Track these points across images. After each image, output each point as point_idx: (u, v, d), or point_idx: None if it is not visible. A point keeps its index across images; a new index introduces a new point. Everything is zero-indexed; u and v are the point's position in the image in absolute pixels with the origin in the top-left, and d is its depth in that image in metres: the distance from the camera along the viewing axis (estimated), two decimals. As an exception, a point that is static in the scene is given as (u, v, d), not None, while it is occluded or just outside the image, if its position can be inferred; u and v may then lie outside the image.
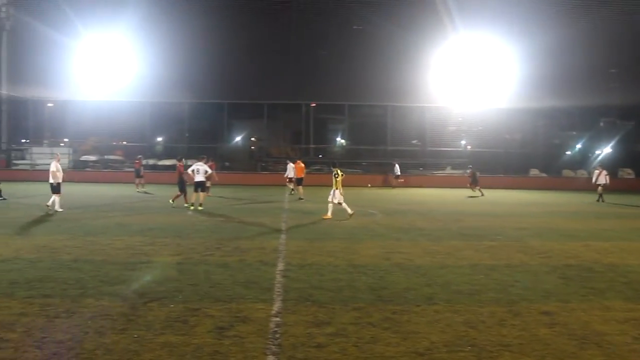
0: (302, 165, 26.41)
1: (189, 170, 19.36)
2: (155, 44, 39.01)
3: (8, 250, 10.70)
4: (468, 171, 25.62)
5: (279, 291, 7.69)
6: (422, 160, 42.74)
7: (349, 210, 17.00)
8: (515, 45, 39.25)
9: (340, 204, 17.06)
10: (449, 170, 42.84)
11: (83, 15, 39.47)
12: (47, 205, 17.61)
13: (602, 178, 26.71)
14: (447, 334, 5.98)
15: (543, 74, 38.13)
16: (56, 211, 17.35)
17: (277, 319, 6.42)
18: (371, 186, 36.21)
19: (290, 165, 27.30)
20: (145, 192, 27.11)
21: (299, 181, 25.66)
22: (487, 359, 5.32)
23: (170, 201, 20.34)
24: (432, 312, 6.80)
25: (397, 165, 36.95)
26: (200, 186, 18.92)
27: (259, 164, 43.56)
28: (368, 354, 5.36)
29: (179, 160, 21.58)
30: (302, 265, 9.51)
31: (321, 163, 41.12)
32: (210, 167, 20.15)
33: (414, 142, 45.68)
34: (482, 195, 27.75)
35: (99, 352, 5.28)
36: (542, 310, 6.99)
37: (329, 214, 17.08)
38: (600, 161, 38.48)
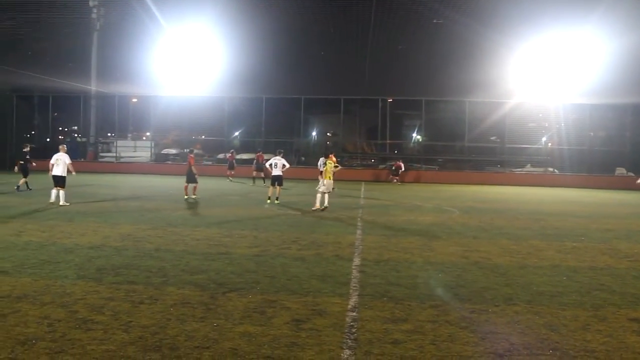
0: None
1: (267, 165, 19.71)
2: (234, 39, 39.79)
3: (97, 237, 11.25)
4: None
5: (355, 286, 7.70)
6: (501, 157, 41.65)
7: (317, 205, 17.18)
8: (599, 38, 37.52)
9: (323, 192, 17.23)
10: (529, 168, 41.56)
11: (165, 11, 40.74)
12: (51, 202, 17.15)
13: None
14: (528, 336, 5.80)
15: (630, 68, 36.28)
16: (60, 205, 16.87)
17: (354, 313, 6.42)
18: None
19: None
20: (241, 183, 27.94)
21: None
22: (571, 364, 5.13)
23: (186, 196, 20.02)
24: (511, 313, 6.62)
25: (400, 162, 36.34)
26: (277, 180, 19.15)
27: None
28: (445, 353, 5.28)
29: (190, 152, 21.10)
30: (378, 261, 9.47)
31: (396, 159, 40.87)
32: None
33: (493, 138, 44.59)
34: None
35: (180, 339, 5.44)
36: (630, 316, 6.65)
37: (318, 205, 17.24)
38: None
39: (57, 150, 17.87)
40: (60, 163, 17.44)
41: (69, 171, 17.59)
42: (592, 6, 35.56)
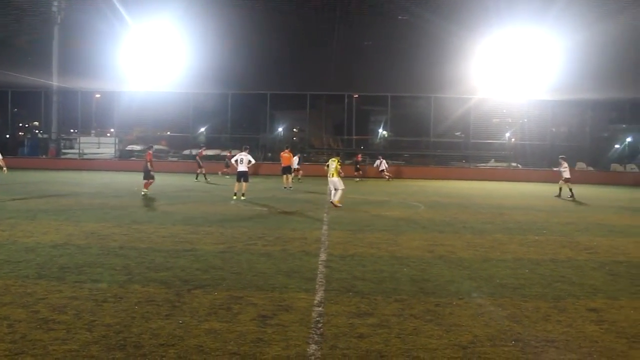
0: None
1: (232, 160, 19.64)
2: (199, 35, 39.44)
3: (59, 235, 11.05)
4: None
5: (321, 281, 7.72)
6: (466, 152, 42.20)
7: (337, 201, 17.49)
8: (561, 35, 38.26)
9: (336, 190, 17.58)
10: (493, 163, 42.21)
11: (129, 6, 40.16)
12: None
13: None
14: (491, 328, 5.90)
15: (591, 65, 37.12)
16: None
17: (320, 308, 6.45)
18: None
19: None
20: (208, 182, 27.66)
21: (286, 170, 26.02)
22: (532, 354, 5.22)
23: (142, 191, 20.32)
24: (475, 306, 6.73)
25: (381, 159, 36.66)
26: (243, 176, 19.11)
27: (301, 155, 43.74)
28: (410, 346, 5.34)
29: (149, 148, 22.09)
30: (344, 256, 9.52)
31: (363, 155, 41.08)
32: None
33: (458, 134, 45.18)
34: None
35: (145, 337, 5.39)
36: (589, 306, 6.83)
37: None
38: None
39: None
40: None
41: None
42: (550, 2, 36.28)
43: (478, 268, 8.86)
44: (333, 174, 17.70)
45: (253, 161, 19.79)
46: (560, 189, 23.90)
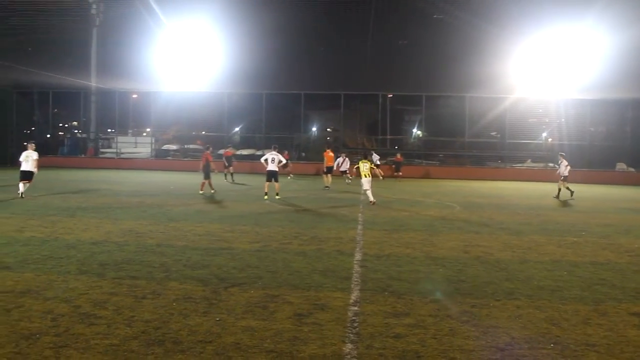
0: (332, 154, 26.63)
1: (262, 160, 19.67)
2: (233, 35, 39.74)
3: (99, 233, 11.30)
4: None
5: (356, 281, 7.73)
6: (501, 152, 41.63)
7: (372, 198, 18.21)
8: (600, 33, 37.44)
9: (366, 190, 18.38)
10: (529, 163, 41.55)
11: (165, 7, 40.68)
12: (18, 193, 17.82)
13: None
14: (529, 330, 5.83)
15: (631, 63, 36.21)
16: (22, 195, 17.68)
17: (355, 308, 6.45)
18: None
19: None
20: (233, 182, 27.83)
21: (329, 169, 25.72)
22: (572, 358, 5.14)
23: (201, 192, 20.66)
24: (512, 308, 6.64)
25: (375, 155, 36.21)
26: (273, 176, 19.13)
27: (335, 154, 43.71)
28: (447, 347, 5.31)
29: (207, 149, 22.42)
30: (380, 256, 9.50)
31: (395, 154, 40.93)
32: (285, 157, 20.63)
33: (493, 133, 44.59)
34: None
35: (183, 333, 5.48)
36: (631, 311, 6.68)
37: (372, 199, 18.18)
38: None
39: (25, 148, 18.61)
40: (29, 159, 18.20)
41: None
42: (591, 0, 35.54)
43: (515, 269, 8.75)
44: (366, 175, 18.16)
45: (284, 160, 19.77)
46: (560, 189, 22.93)
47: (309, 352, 5.09)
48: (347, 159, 32.42)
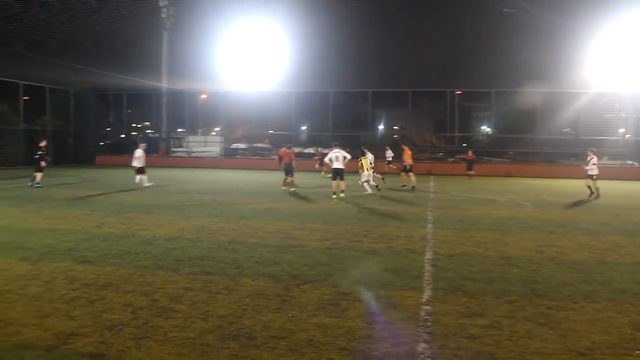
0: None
1: (326, 159, 19.66)
2: (301, 34, 40.04)
3: (173, 229, 11.63)
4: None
5: (428, 280, 7.64)
6: (575, 149, 40.14)
7: (369, 190, 20.11)
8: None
9: (367, 181, 20.22)
10: (605, 161, 39.91)
11: (232, 7, 41.34)
12: (136, 183, 22.07)
13: None
14: (611, 335, 5.58)
15: None
16: (146, 186, 21.76)
17: (428, 307, 6.38)
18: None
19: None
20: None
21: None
22: (659, 365, 4.92)
23: (283, 187, 21.47)
24: (592, 311, 6.39)
25: (389, 151, 35.20)
26: (339, 174, 19.03)
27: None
28: (523, 349, 5.17)
29: (289, 148, 23.44)
30: (451, 255, 9.36)
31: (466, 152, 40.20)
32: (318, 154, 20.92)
33: (566, 130, 43.07)
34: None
35: (257, 328, 5.56)
36: None
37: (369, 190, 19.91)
38: None
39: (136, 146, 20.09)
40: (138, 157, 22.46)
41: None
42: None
43: (593, 271, 8.42)
44: (367, 169, 20.44)
45: (349, 157, 19.63)
46: (590, 187, 21.11)
47: (382, 350, 5.08)
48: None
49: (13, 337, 5.25)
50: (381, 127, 48.05)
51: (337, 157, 19.00)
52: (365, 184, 20.24)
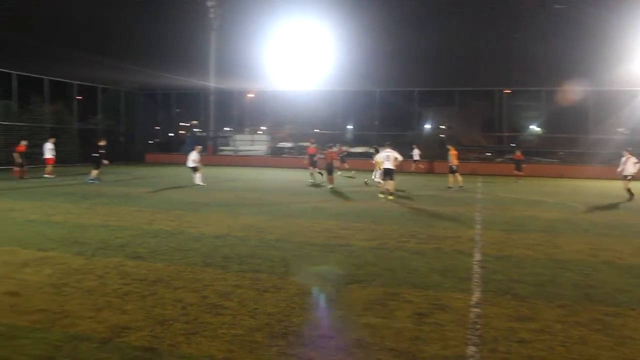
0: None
1: (377, 157, 19.54)
2: (348, 33, 39.97)
3: (221, 227, 11.78)
4: None
5: (477, 282, 7.53)
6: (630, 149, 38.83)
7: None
8: None
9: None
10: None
11: (279, 6, 41.60)
12: (200, 184, 22.36)
13: None
14: (674, 344, 5.39)
15: None
16: (198, 184, 22.29)
17: (477, 309, 6.29)
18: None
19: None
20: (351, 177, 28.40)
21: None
22: None
23: (330, 185, 22.25)
24: (651, 318, 6.18)
25: (416, 150, 35.17)
26: (388, 174, 18.84)
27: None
28: (577, 355, 5.04)
29: (332, 147, 24.34)
30: (500, 257, 9.20)
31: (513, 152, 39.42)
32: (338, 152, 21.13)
33: (620, 130, 41.76)
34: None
35: (305, 327, 5.59)
36: None
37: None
38: None
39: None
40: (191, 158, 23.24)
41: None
42: None
43: (651, 276, 8.14)
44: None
45: (400, 158, 19.46)
46: (629, 190, 20.01)
47: (431, 352, 5.03)
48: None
49: (69, 329, 5.41)
50: (427, 126, 47.58)
51: (387, 156, 18.81)
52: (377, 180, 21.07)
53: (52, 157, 26.02)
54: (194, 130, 54.09)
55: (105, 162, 23.34)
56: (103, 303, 6.27)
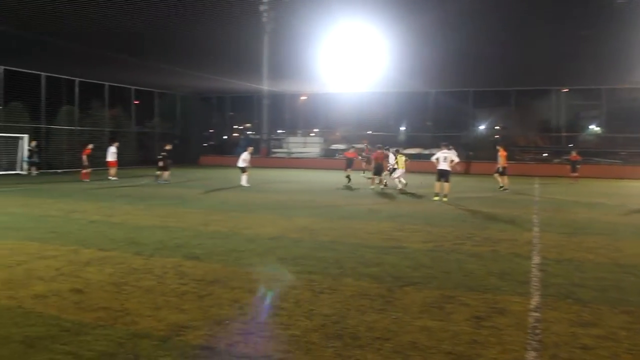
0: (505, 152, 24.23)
1: (433, 159, 19.18)
2: (401, 34, 39.61)
3: (275, 229, 11.88)
4: None
5: (536, 285, 7.35)
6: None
7: (399, 186, 21.87)
8: None
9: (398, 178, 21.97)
10: None
11: (332, 8, 41.57)
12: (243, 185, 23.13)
13: None
14: None
15: None
16: (244, 186, 22.98)
17: (536, 314, 6.13)
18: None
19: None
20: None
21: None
22: None
23: (372, 186, 22.56)
24: None
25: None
26: (443, 175, 18.51)
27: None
28: (644, 363, 4.87)
29: (380, 148, 24.03)
30: (560, 260, 8.95)
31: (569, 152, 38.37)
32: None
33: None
34: None
35: (361, 329, 5.57)
36: None
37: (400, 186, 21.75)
38: None
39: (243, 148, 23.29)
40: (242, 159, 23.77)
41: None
42: None
43: None
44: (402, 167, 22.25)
45: (457, 159, 19.12)
46: None
47: (490, 356, 4.93)
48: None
49: (130, 327, 5.56)
50: (482, 127, 46.76)
51: (445, 157, 18.51)
52: (397, 180, 22.12)
53: (114, 160, 27.16)
54: (248, 132, 54.79)
55: (161, 163, 24.93)
56: (162, 302, 6.41)
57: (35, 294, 6.73)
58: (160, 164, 24.83)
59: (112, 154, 27.13)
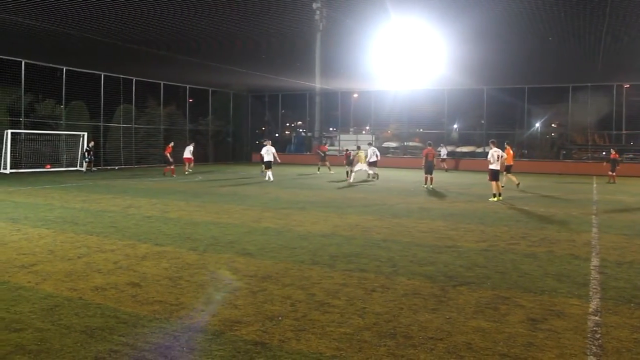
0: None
1: (489, 157, 18.90)
2: (454, 30, 39.02)
3: (327, 226, 11.90)
4: None
5: (595, 288, 7.11)
6: None
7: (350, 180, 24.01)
8: None
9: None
10: None
11: (385, 6, 41.30)
12: (266, 179, 24.58)
13: None
14: None
15: None
16: (269, 180, 24.39)
17: (596, 318, 5.93)
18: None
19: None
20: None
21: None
22: None
23: (424, 185, 22.58)
24: None
25: (444, 149, 35.27)
26: (494, 175, 18.12)
27: (561, 151, 40.81)
28: None
29: (429, 146, 23.86)
30: (621, 263, 8.63)
31: (635, 151, 37.08)
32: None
33: None
34: None
35: (414, 328, 5.50)
36: None
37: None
38: None
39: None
40: (269, 152, 25.53)
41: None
42: None
43: None
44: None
45: (505, 156, 18.73)
46: None
47: (547, 360, 4.80)
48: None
49: (185, 321, 5.65)
50: (538, 124, 45.62)
51: (495, 156, 18.01)
52: (352, 174, 24.32)
53: (191, 157, 29.94)
54: (300, 130, 55.06)
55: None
56: (215, 297, 6.49)
57: (95, 286, 6.93)
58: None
59: (189, 152, 29.74)
